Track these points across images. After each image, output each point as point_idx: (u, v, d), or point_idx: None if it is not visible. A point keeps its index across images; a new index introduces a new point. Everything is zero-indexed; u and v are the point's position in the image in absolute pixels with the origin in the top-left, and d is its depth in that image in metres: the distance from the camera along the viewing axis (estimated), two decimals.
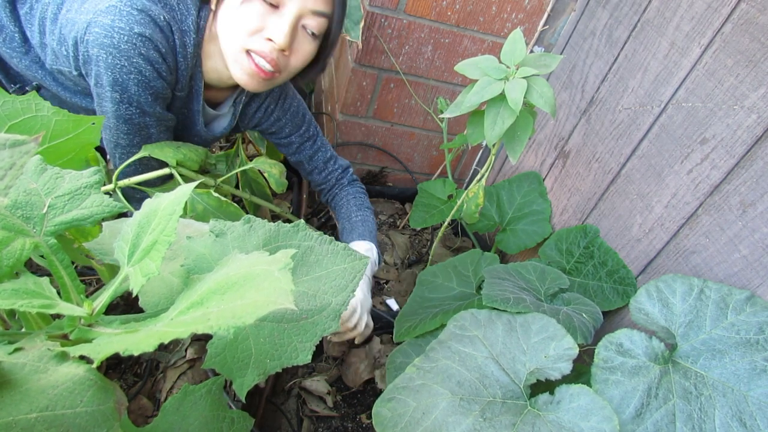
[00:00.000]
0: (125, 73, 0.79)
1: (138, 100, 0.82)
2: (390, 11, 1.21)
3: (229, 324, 0.33)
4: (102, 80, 0.80)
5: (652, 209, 0.91)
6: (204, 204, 0.87)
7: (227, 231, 0.59)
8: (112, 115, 0.84)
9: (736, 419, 0.62)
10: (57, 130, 0.63)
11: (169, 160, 0.87)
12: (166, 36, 0.81)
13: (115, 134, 0.87)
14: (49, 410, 0.34)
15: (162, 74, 0.83)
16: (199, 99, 0.95)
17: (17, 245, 0.44)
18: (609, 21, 1.09)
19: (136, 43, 0.77)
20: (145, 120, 0.86)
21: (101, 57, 0.77)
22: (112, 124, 0.85)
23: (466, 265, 1.10)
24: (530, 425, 0.63)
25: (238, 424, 0.61)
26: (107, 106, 0.83)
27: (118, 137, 0.88)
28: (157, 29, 0.79)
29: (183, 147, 0.91)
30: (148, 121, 0.87)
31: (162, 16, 0.80)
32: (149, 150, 0.86)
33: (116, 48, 0.76)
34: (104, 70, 0.78)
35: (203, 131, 1.01)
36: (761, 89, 0.74)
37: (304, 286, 0.56)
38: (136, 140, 0.88)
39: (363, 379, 1.11)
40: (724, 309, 0.70)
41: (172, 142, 0.92)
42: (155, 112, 0.86)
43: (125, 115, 0.84)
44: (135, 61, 0.78)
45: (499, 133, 0.80)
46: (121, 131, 0.86)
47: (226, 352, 0.53)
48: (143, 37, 0.77)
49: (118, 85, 0.80)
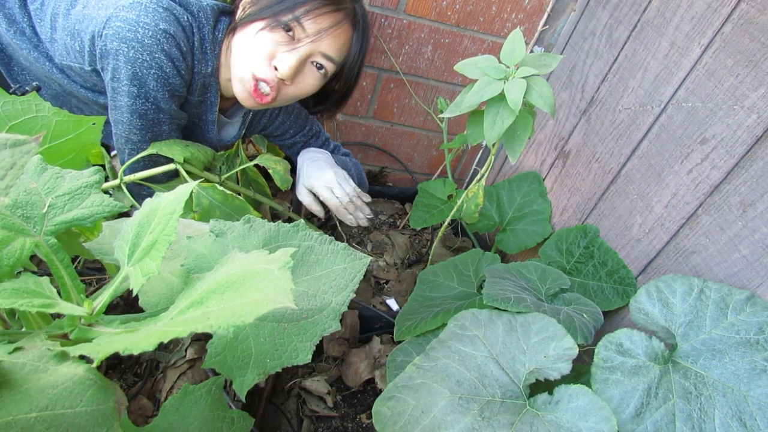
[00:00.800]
0: (146, 68, 0.79)
1: (155, 95, 0.83)
2: (390, 11, 1.21)
3: (228, 323, 0.34)
4: (120, 74, 0.80)
5: (652, 209, 0.91)
6: (210, 198, 0.87)
7: (227, 231, 0.59)
8: (126, 110, 0.84)
9: (736, 419, 0.62)
10: (57, 130, 0.63)
11: (176, 157, 0.87)
12: (188, 36, 0.83)
13: (127, 129, 0.87)
14: (48, 410, 0.34)
15: (181, 72, 0.84)
16: (214, 110, 0.96)
17: (17, 245, 0.44)
18: (609, 21, 1.09)
19: (160, 39, 0.78)
20: (159, 117, 0.87)
21: (122, 51, 0.78)
22: (125, 119, 0.86)
23: (467, 265, 1.10)
24: (528, 425, 0.63)
25: (238, 424, 0.61)
26: (122, 101, 0.83)
27: (130, 132, 0.88)
28: (180, 28, 0.81)
29: (191, 146, 0.91)
30: (162, 117, 0.87)
31: (185, 17, 0.82)
32: (157, 147, 0.86)
33: (139, 42, 0.77)
34: (124, 63, 0.79)
35: (215, 139, 1.02)
36: (761, 89, 0.74)
37: (304, 286, 0.57)
38: (148, 136, 0.89)
39: (363, 379, 1.11)
40: (724, 309, 0.70)
41: (181, 141, 0.92)
42: (170, 110, 0.87)
43: (141, 110, 0.84)
44: (157, 56, 0.79)
45: (499, 133, 0.80)
46: (135, 126, 0.87)
47: (226, 351, 0.53)
48: (167, 34, 0.79)
49: (136, 80, 0.80)
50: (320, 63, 0.89)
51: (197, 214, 0.86)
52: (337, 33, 0.88)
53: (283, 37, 0.85)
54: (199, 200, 0.86)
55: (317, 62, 0.89)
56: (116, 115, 0.85)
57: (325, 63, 0.89)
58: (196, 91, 0.91)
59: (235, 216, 0.89)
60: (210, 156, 0.95)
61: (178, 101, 0.89)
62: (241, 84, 0.89)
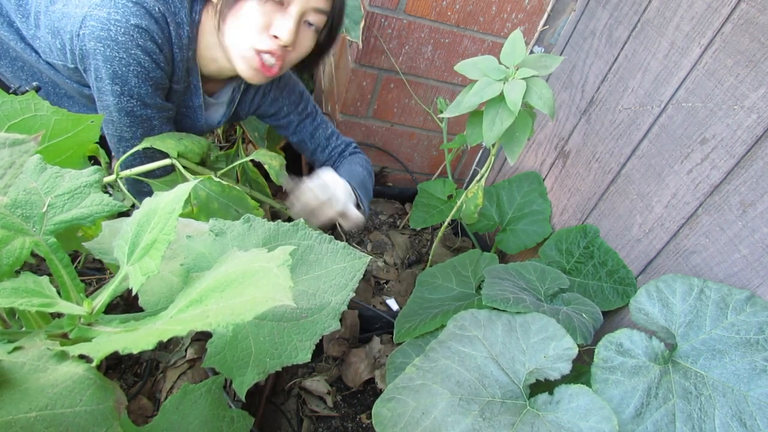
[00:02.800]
0: (124, 66, 0.79)
1: (138, 92, 0.83)
2: (390, 11, 1.21)
3: (228, 321, 0.33)
4: (101, 74, 0.80)
5: (652, 209, 0.91)
6: (207, 190, 0.86)
7: (227, 230, 0.59)
8: (114, 109, 0.84)
9: (736, 419, 0.62)
10: (56, 129, 0.63)
11: (170, 151, 0.86)
12: (162, 27, 0.82)
13: (118, 128, 0.87)
14: (48, 409, 0.34)
15: (160, 65, 0.83)
16: (199, 94, 0.95)
17: (17, 244, 0.44)
18: (609, 21, 1.09)
19: (134, 35, 0.78)
20: (147, 112, 0.87)
21: (99, 50, 0.77)
22: (114, 117, 0.86)
23: (465, 266, 1.10)
24: (529, 425, 0.63)
25: (238, 424, 0.61)
26: (108, 100, 0.83)
27: (121, 131, 0.88)
28: (153, 20, 0.80)
29: (185, 139, 0.91)
30: (150, 113, 0.87)
31: (157, 7, 0.81)
32: (151, 141, 0.86)
33: (113, 40, 0.77)
34: (103, 63, 0.79)
35: (204, 123, 1.01)
36: (761, 89, 0.74)
37: (303, 285, 0.56)
38: (140, 132, 0.89)
39: (363, 379, 1.11)
40: (724, 309, 0.70)
41: (175, 134, 0.92)
42: (156, 103, 0.87)
43: (127, 107, 0.84)
44: (133, 52, 0.79)
45: (498, 133, 0.80)
46: (124, 124, 0.87)
47: (225, 350, 0.53)
48: (140, 29, 0.78)
49: (117, 78, 0.80)
50: (311, 21, 0.88)
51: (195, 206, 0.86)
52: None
53: (273, 6, 0.84)
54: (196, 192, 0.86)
55: (308, 20, 0.88)
56: (106, 115, 0.85)
57: (317, 18, 0.89)
58: (181, 79, 0.90)
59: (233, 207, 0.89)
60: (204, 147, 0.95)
61: (163, 93, 0.89)
62: (245, 62, 0.88)
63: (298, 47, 0.90)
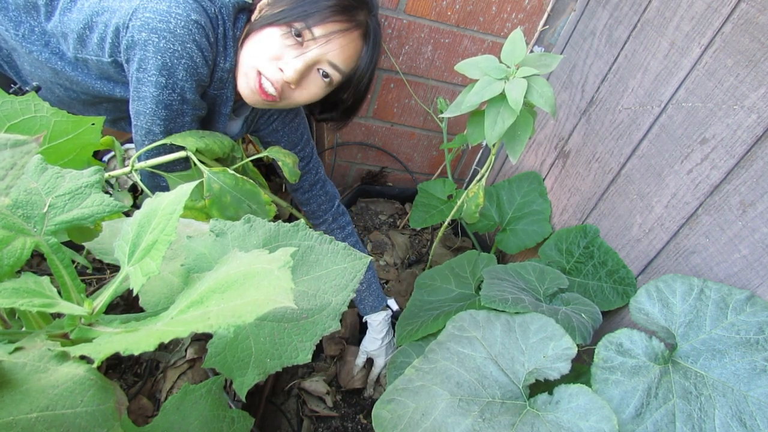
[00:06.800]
0: (176, 58, 0.80)
1: (182, 86, 0.84)
2: (390, 11, 1.21)
3: (229, 323, 0.33)
4: (148, 64, 0.81)
5: (652, 209, 0.91)
6: (220, 183, 0.86)
7: (227, 230, 0.59)
8: (151, 101, 0.84)
9: (736, 419, 0.62)
10: (56, 130, 0.63)
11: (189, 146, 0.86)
12: (214, 28, 0.85)
13: (150, 120, 0.87)
14: (49, 410, 0.34)
15: (208, 63, 0.85)
16: (229, 104, 0.96)
17: (18, 244, 0.44)
18: (609, 21, 1.09)
19: (192, 29, 0.80)
20: (183, 107, 0.88)
21: (151, 41, 0.78)
22: (149, 109, 0.86)
23: (463, 267, 1.10)
24: (529, 425, 0.63)
25: (238, 424, 0.61)
26: (147, 91, 0.83)
27: (152, 123, 0.88)
28: (209, 20, 0.83)
29: (207, 137, 0.91)
30: (186, 108, 0.88)
31: (212, 9, 0.84)
32: (171, 138, 0.86)
33: (171, 32, 0.78)
34: (153, 54, 0.79)
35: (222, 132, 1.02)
36: (761, 89, 0.74)
37: (304, 286, 0.56)
38: (170, 127, 0.89)
39: (355, 385, 1.11)
40: (724, 309, 0.70)
41: (197, 131, 0.92)
42: (194, 100, 0.88)
43: (167, 100, 0.85)
44: (188, 46, 0.80)
45: (500, 132, 0.80)
46: (158, 117, 0.87)
47: (226, 351, 0.53)
48: (198, 25, 0.80)
49: (165, 70, 0.81)
50: (326, 71, 0.90)
51: (208, 199, 0.86)
52: (346, 43, 0.88)
53: (293, 41, 0.86)
54: (209, 185, 0.86)
55: (323, 70, 0.90)
56: (139, 107, 0.86)
57: (331, 72, 0.90)
58: (215, 83, 0.92)
59: (246, 201, 0.89)
60: (228, 147, 0.94)
61: (201, 92, 0.90)
62: (246, 79, 0.90)
63: (303, 89, 0.92)
